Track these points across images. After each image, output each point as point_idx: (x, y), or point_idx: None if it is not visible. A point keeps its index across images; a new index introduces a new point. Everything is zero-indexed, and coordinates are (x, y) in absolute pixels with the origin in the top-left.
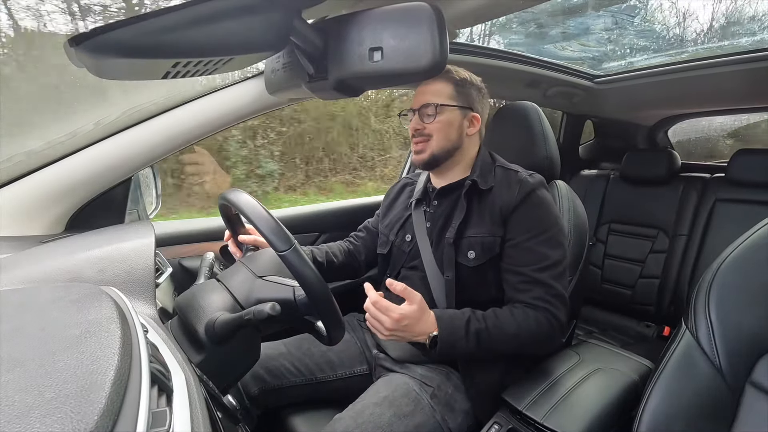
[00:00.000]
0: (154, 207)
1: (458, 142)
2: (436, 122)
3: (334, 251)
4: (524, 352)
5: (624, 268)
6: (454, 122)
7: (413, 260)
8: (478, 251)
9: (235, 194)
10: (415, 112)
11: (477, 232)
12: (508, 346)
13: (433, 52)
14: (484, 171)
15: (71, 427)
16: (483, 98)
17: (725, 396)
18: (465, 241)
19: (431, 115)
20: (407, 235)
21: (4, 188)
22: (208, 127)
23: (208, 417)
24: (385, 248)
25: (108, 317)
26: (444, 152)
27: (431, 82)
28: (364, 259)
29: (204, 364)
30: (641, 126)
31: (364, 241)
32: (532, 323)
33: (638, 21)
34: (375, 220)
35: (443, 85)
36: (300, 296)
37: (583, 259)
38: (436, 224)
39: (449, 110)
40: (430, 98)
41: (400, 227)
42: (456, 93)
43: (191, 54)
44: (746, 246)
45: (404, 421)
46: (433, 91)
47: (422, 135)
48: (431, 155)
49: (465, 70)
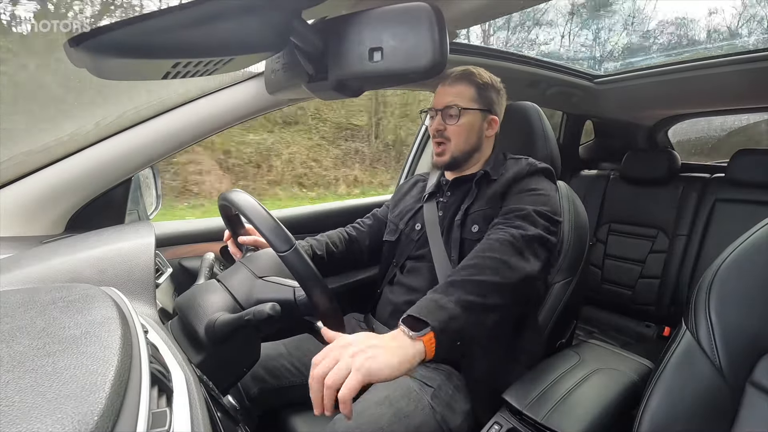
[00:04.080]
0: (154, 207)
1: (477, 144)
2: (458, 125)
3: (333, 240)
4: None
5: (624, 268)
6: (475, 125)
7: (420, 249)
8: (480, 224)
9: (235, 194)
10: (437, 112)
11: (480, 206)
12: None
13: (433, 53)
14: (496, 165)
15: (71, 428)
16: (501, 99)
17: (725, 396)
18: (469, 218)
19: (454, 116)
20: (417, 224)
21: (5, 188)
22: (208, 128)
23: (208, 417)
24: (394, 236)
25: (108, 318)
26: (464, 154)
27: (454, 83)
28: (368, 245)
29: (204, 365)
30: (641, 126)
31: (370, 228)
32: (483, 245)
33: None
34: (384, 210)
35: (466, 87)
36: (300, 297)
37: (584, 260)
38: (448, 212)
39: (471, 113)
40: (453, 100)
41: (411, 217)
42: (478, 96)
43: (191, 54)
44: (746, 246)
45: (404, 422)
46: (455, 92)
47: (443, 136)
48: (452, 157)
49: (486, 72)
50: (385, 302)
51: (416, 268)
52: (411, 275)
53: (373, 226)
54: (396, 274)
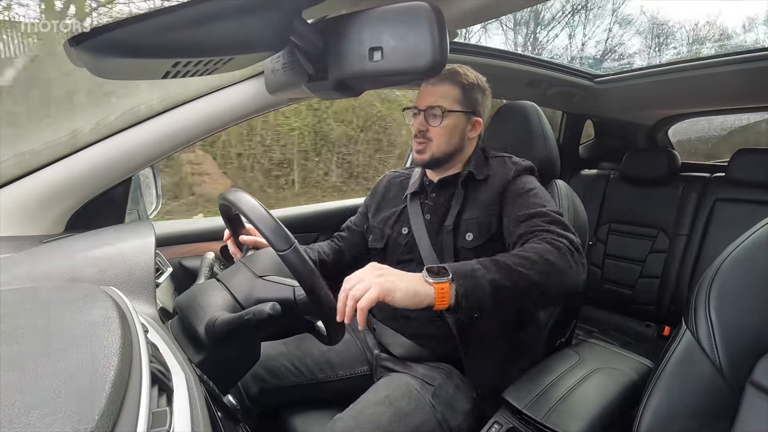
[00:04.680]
0: (154, 207)
1: (460, 145)
2: (441, 126)
3: (325, 250)
4: (556, 280)
5: (624, 268)
6: (458, 126)
7: (408, 253)
8: (475, 233)
9: (236, 194)
10: (420, 112)
11: (473, 214)
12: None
13: (433, 52)
14: (478, 164)
15: (71, 427)
16: (486, 100)
17: (725, 396)
18: (462, 225)
19: (437, 117)
20: (404, 228)
21: (5, 188)
22: (208, 127)
23: (208, 417)
24: (381, 242)
25: (108, 317)
26: (445, 155)
27: (439, 83)
28: (348, 256)
29: (204, 364)
30: (641, 126)
31: (347, 241)
32: (547, 246)
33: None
34: (358, 218)
35: (451, 88)
36: (300, 296)
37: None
38: (436, 215)
39: (455, 115)
40: (438, 101)
41: (396, 220)
42: (463, 97)
43: (191, 54)
44: (746, 246)
45: (404, 421)
46: (440, 93)
47: (425, 137)
48: (432, 157)
49: (472, 72)
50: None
51: (406, 272)
52: None
53: (350, 239)
54: None
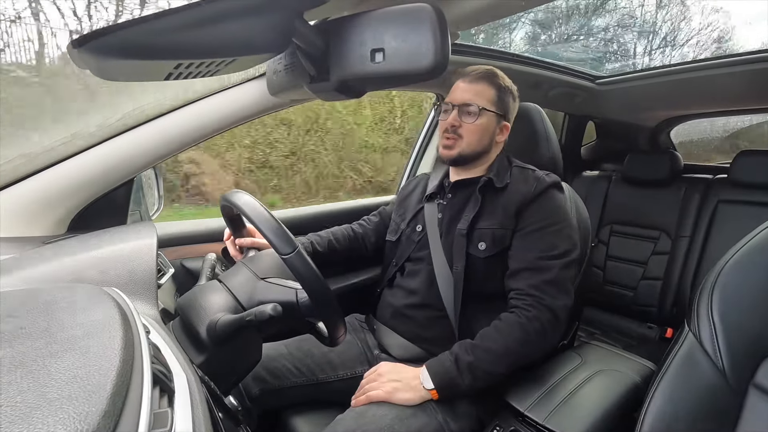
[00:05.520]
0: (156, 208)
1: (488, 146)
2: (474, 124)
3: (337, 237)
4: (525, 361)
5: (626, 270)
6: (490, 127)
7: (420, 251)
8: (488, 243)
9: (238, 196)
10: (454, 108)
11: (489, 224)
12: (505, 365)
13: (434, 54)
14: (500, 171)
15: (73, 428)
16: (515, 107)
17: (728, 398)
18: (476, 232)
19: (473, 114)
20: (418, 226)
21: (7, 189)
22: (210, 129)
23: (209, 418)
24: (395, 236)
25: (110, 318)
26: (473, 153)
27: (476, 81)
28: (374, 241)
29: (205, 365)
30: (643, 127)
31: (376, 225)
32: (517, 331)
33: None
34: (390, 208)
35: (487, 87)
36: (302, 299)
37: (585, 261)
38: (448, 215)
39: (489, 115)
40: (474, 98)
41: (412, 217)
42: (497, 99)
43: (193, 55)
44: (749, 247)
45: (406, 423)
46: (477, 90)
47: (456, 133)
48: (460, 154)
49: (506, 77)
50: (385, 304)
51: (415, 270)
52: (410, 278)
53: (379, 224)
54: (395, 275)
